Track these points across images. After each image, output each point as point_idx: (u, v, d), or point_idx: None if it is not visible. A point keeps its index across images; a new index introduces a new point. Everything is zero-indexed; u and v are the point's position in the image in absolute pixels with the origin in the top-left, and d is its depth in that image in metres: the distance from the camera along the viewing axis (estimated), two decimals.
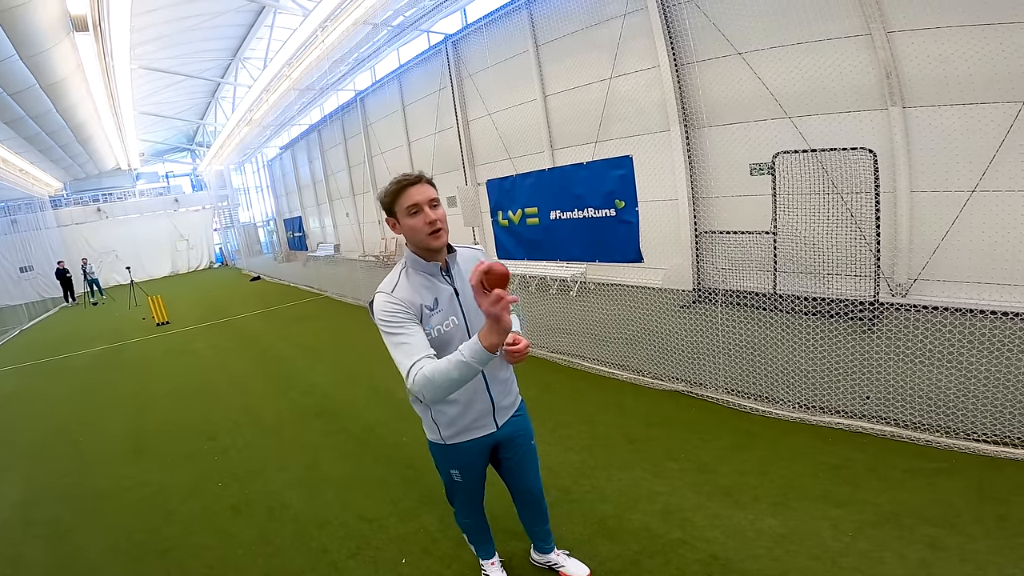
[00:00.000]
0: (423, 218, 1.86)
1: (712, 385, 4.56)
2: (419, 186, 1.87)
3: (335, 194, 20.90)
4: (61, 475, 4.72)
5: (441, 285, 1.99)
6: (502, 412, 2.19)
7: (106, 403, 6.74)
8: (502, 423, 2.20)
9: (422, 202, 1.86)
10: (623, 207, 9.01)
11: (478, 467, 2.30)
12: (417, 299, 1.94)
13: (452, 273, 2.02)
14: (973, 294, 5.35)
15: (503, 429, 2.21)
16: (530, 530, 2.58)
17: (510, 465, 2.35)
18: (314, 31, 11.06)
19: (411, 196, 1.86)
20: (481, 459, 2.27)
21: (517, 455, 2.32)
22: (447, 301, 1.99)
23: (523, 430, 2.32)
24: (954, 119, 5.41)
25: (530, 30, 9.81)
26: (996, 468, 3.04)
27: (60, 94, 12.46)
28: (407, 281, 1.97)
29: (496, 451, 2.31)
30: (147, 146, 28.19)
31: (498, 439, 2.23)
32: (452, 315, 1.99)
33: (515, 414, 2.27)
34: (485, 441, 2.19)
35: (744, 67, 6.88)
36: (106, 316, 15.16)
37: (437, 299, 1.97)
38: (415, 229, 1.87)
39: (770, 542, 2.68)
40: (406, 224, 1.89)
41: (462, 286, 2.02)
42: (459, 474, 2.27)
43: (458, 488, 2.35)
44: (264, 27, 16.82)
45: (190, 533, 3.48)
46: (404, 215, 1.88)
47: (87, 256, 21.41)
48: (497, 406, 2.16)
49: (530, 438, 2.36)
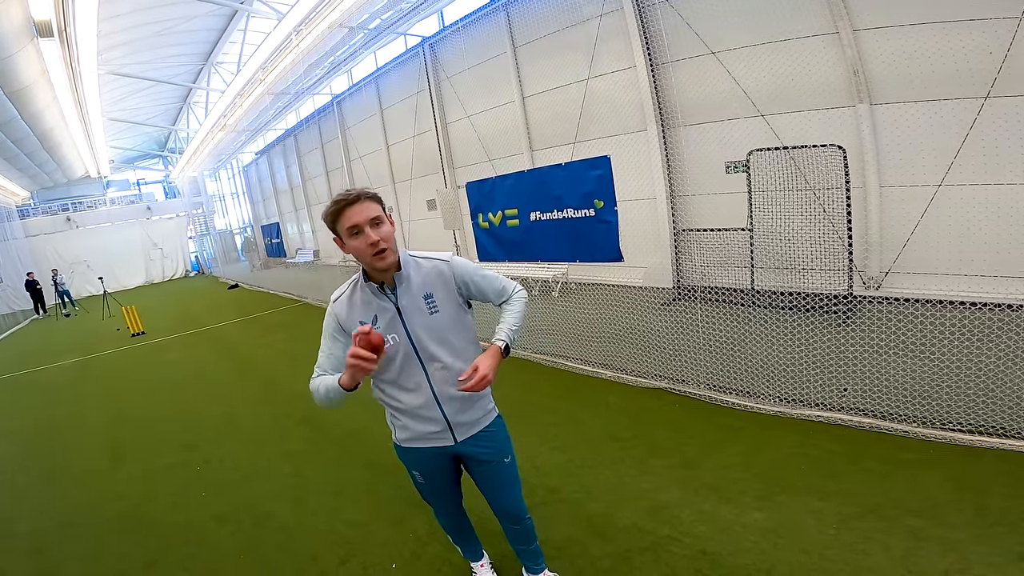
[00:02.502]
0: (364, 239, 1.80)
1: (694, 381, 4.61)
2: (359, 205, 1.79)
3: (313, 199, 20.70)
4: (39, 489, 4.61)
5: (383, 304, 1.95)
6: (461, 428, 2.08)
7: (82, 416, 6.57)
8: (463, 438, 2.10)
9: (362, 223, 1.79)
10: (602, 207, 9.11)
11: (439, 474, 2.23)
12: (355, 314, 1.96)
13: (397, 291, 1.95)
14: (943, 285, 5.50)
15: (464, 444, 2.11)
16: (516, 549, 2.47)
17: (483, 483, 2.26)
18: (288, 35, 10.96)
19: (350, 217, 1.79)
20: (440, 467, 2.21)
21: (486, 473, 2.21)
22: (388, 319, 1.95)
23: (491, 447, 2.17)
24: (920, 115, 5.57)
25: (507, 32, 9.85)
26: (973, 457, 3.12)
27: (25, 101, 12.18)
28: (352, 294, 2.00)
29: (466, 464, 2.25)
30: (117, 153, 27.64)
31: (460, 452, 2.15)
32: (392, 333, 1.95)
33: (484, 429, 2.14)
34: (443, 451, 2.13)
35: (718, 66, 6.99)
36: (79, 328, 14.79)
37: (376, 316, 1.94)
38: (359, 251, 1.83)
39: (757, 536, 2.72)
40: (351, 245, 1.84)
41: (407, 304, 1.95)
42: (420, 476, 2.25)
43: (423, 489, 2.32)
44: (237, 31, 16.59)
45: (175, 544, 3.42)
46: (346, 236, 1.83)
47: (57, 267, 20.87)
48: (453, 422, 2.06)
49: (503, 455, 2.21)
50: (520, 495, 2.31)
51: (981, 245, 5.34)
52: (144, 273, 27.82)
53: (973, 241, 5.39)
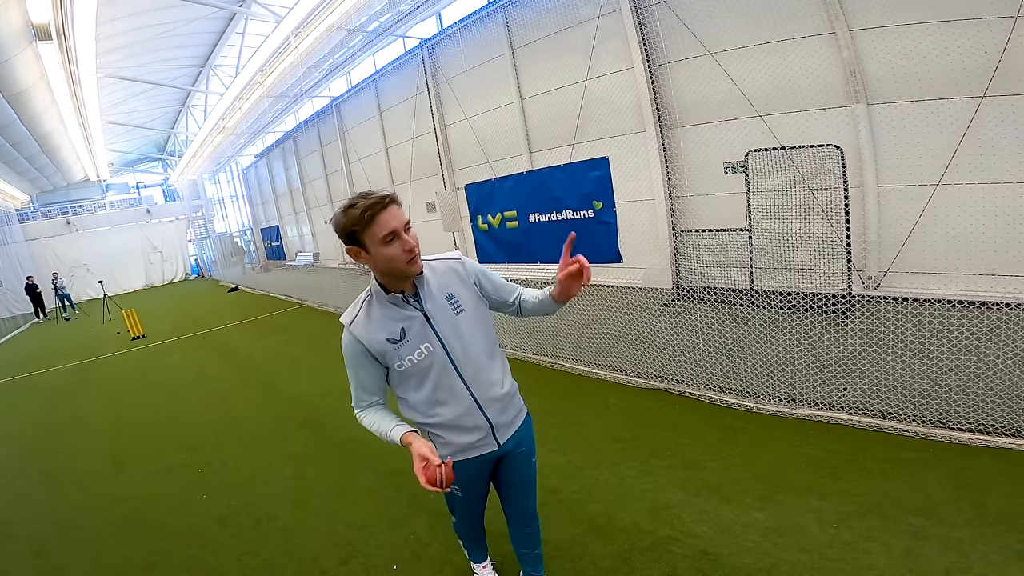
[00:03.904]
0: (401, 245, 1.67)
1: (694, 382, 4.62)
2: (394, 208, 1.67)
3: (313, 202, 20.69)
4: (39, 492, 4.61)
5: (408, 313, 1.83)
6: (502, 429, 2.03)
7: (83, 419, 6.58)
8: (504, 440, 2.04)
9: (399, 228, 1.66)
10: (601, 208, 9.12)
11: (478, 483, 2.18)
12: (379, 334, 1.81)
13: (421, 297, 1.84)
14: (941, 284, 5.51)
15: (506, 445, 2.06)
16: (519, 552, 2.42)
17: (508, 483, 2.21)
18: (287, 37, 10.98)
19: (387, 223, 1.64)
20: (481, 475, 2.14)
21: (516, 474, 2.17)
22: (417, 329, 1.83)
23: (524, 446, 2.14)
24: (917, 115, 5.58)
25: (506, 34, 9.86)
26: (972, 456, 3.13)
27: (24, 104, 12.19)
28: (368, 313, 1.84)
29: (497, 466, 2.19)
30: (116, 156, 27.64)
31: (501, 455, 2.09)
32: (424, 342, 1.83)
33: (518, 430, 2.10)
34: (487, 458, 2.06)
35: (715, 67, 7.00)
36: (79, 331, 14.79)
37: (404, 329, 1.82)
38: (392, 258, 1.68)
39: (758, 536, 2.73)
40: (380, 254, 1.68)
41: (433, 309, 1.85)
42: (459, 490, 2.16)
43: (458, 502, 2.26)
44: (236, 34, 16.60)
45: (176, 547, 3.43)
46: (378, 244, 1.66)
47: (57, 270, 20.87)
48: (496, 424, 1.99)
49: (531, 455, 2.19)
50: (535, 496, 2.30)
51: (979, 244, 5.35)
52: (144, 276, 27.81)
53: (971, 240, 5.40)
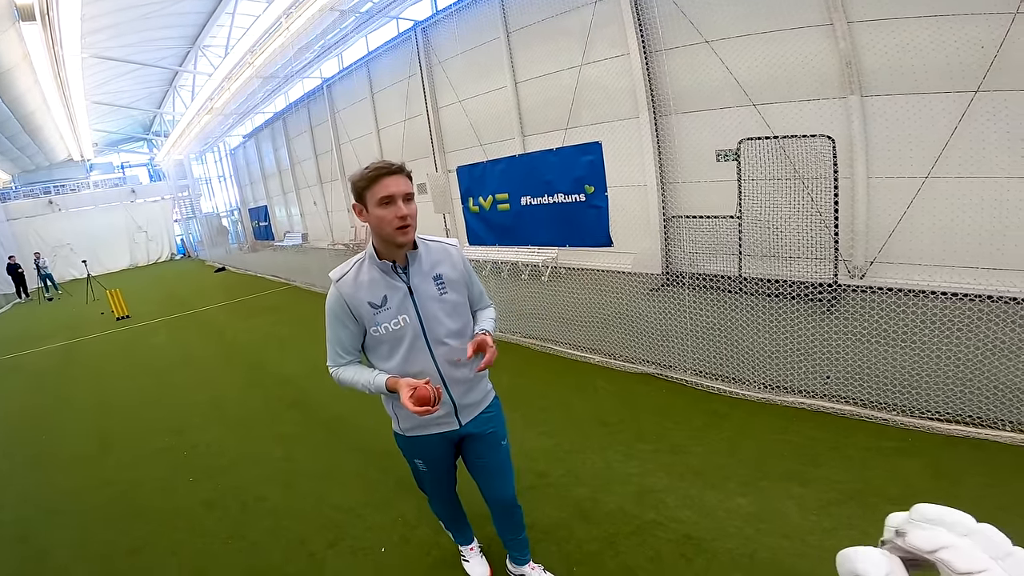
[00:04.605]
0: (394, 211, 1.78)
1: (681, 367, 4.66)
2: (399, 176, 1.79)
3: (302, 183, 20.49)
4: (23, 475, 4.57)
5: (394, 282, 1.92)
6: (466, 410, 2.11)
7: (67, 400, 6.53)
8: (466, 421, 2.12)
9: (397, 194, 1.77)
10: (592, 192, 9.11)
11: (442, 460, 2.24)
12: (362, 294, 1.90)
13: (409, 271, 1.93)
14: (927, 276, 5.57)
15: (468, 426, 2.13)
16: (504, 538, 2.47)
17: (478, 467, 2.25)
18: (278, 17, 10.77)
19: (387, 186, 1.77)
20: (444, 452, 2.21)
21: (484, 456, 2.22)
22: (398, 300, 1.92)
23: (492, 428, 2.20)
24: (910, 107, 5.60)
25: (501, 17, 9.75)
26: (950, 446, 3.18)
27: (6, 85, 11.97)
28: (357, 273, 1.93)
29: (463, 447, 2.24)
30: (100, 136, 27.11)
31: (463, 435, 2.16)
32: (403, 314, 1.92)
33: (484, 411, 2.17)
34: (447, 436, 2.13)
35: (711, 55, 6.97)
36: (62, 312, 14.62)
37: (387, 296, 1.91)
38: (383, 221, 1.79)
39: (740, 521, 2.77)
40: (374, 214, 1.79)
41: (419, 284, 1.94)
42: (423, 464, 2.23)
43: (425, 477, 2.31)
44: (225, 14, 16.28)
45: (162, 530, 3.42)
46: (375, 204, 1.78)
47: (39, 250, 20.55)
48: (459, 404, 2.07)
49: (500, 438, 2.23)
50: (513, 481, 2.32)
51: (965, 237, 5.41)
52: (129, 256, 27.55)
53: (957, 232, 5.46)
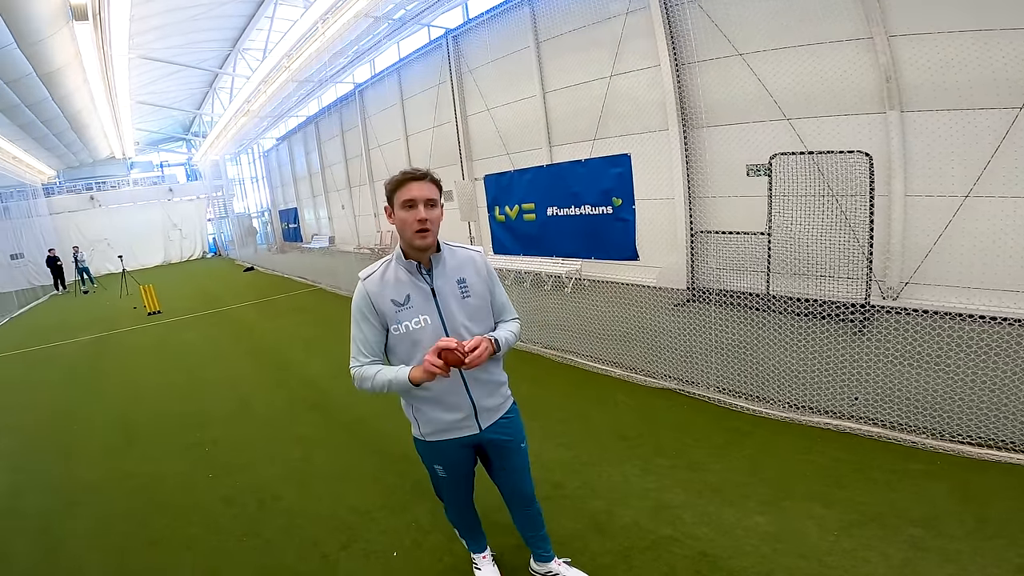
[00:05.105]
0: (414, 215, 1.88)
1: (704, 384, 4.59)
2: (422, 183, 1.90)
3: (331, 186, 20.85)
4: (49, 465, 4.68)
5: (418, 283, 2.01)
6: (485, 414, 2.14)
7: (96, 392, 6.71)
8: (486, 425, 2.15)
9: (419, 199, 1.88)
10: (620, 205, 9.07)
11: (462, 465, 2.26)
12: (387, 292, 1.99)
13: (433, 272, 2.02)
14: (963, 298, 5.38)
15: (488, 431, 2.15)
16: (525, 537, 2.50)
17: (498, 469, 2.29)
18: (315, 23, 11.02)
19: (411, 190, 1.88)
20: (464, 458, 2.24)
21: (505, 459, 2.25)
22: (421, 299, 2.00)
23: (511, 433, 2.23)
24: (951, 124, 5.44)
25: (532, 26, 9.81)
26: (979, 470, 3.08)
27: (57, 83, 12.38)
28: (384, 272, 2.03)
29: (483, 452, 2.27)
30: (142, 135, 28.01)
31: (482, 440, 2.18)
32: (424, 314, 1.99)
33: (503, 416, 2.20)
34: (467, 441, 2.16)
35: (744, 68, 6.90)
36: (97, 305, 15.09)
37: (410, 295, 2.00)
38: (404, 223, 1.91)
39: (758, 540, 2.71)
40: (398, 216, 1.92)
41: (442, 286, 2.02)
42: (443, 470, 2.25)
43: (443, 483, 2.32)
44: (264, 18, 16.73)
45: (179, 524, 3.47)
46: (399, 207, 1.90)
47: (79, 244, 21.26)
48: (479, 407, 2.11)
49: (520, 441, 2.27)
50: (531, 479, 2.36)
51: (1005, 259, 5.21)
52: (163, 253, 28.35)
53: (998, 254, 5.26)
